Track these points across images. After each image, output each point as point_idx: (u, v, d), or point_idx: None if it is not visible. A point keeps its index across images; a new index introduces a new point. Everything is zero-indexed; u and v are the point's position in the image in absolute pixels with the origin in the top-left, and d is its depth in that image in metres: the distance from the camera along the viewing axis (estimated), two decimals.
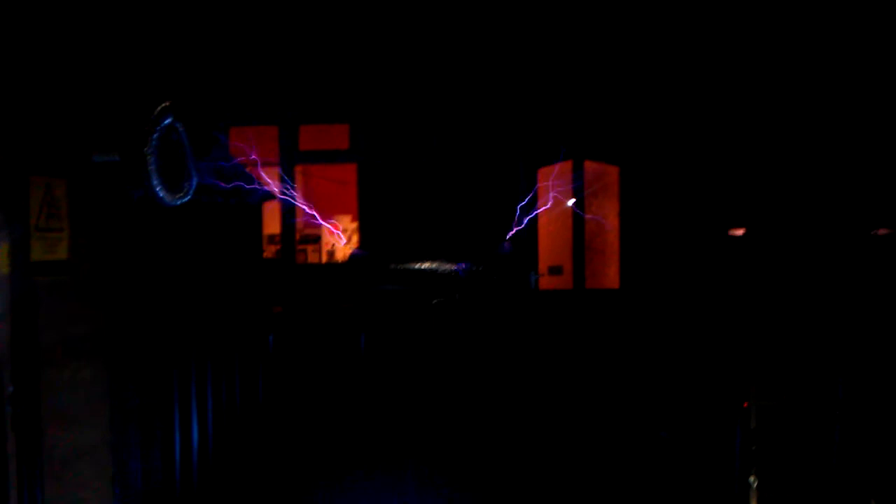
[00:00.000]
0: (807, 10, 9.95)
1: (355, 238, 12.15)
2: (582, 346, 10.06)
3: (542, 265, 11.29)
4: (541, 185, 11.26)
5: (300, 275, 10.78)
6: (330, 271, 11.55)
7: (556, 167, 11.28)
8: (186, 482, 6.83)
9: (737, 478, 7.86)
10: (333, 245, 12.17)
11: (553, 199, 11.38)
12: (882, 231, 9.40)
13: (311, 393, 8.60)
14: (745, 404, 8.10)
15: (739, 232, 9.97)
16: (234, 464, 7.51)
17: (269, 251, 12.21)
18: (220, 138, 9.80)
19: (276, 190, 10.53)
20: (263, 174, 12.00)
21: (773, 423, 8.04)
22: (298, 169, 12.28)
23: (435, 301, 8.56)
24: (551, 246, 11.49)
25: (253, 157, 11.17)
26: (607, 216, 11.57)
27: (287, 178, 11.62)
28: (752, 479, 7.71)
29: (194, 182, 6.50)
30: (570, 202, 11.23)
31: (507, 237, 9.89)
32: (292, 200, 10.63)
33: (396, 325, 8.79)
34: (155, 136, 6.02)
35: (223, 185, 7.43)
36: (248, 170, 9.46)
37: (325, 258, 12.50)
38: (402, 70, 11.03)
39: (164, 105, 6.12)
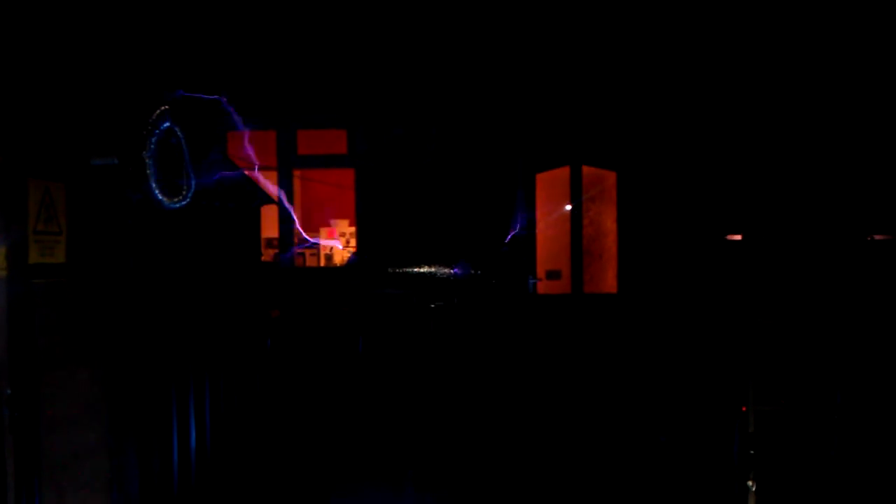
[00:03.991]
0: (798, 20, 9.97)
1: (353, 242, 12.15)
2: (581, 350, 10.04)
3: (541, 270, 11.29)
4: (539, 190, 11.27)
5: (298, 278, 10.76)
6: (328, 275, 11.54)
7: (555, 172, 11.29)
8: (184, 485, 6.81)
9: (735, 481, 7.85)
10: (332, 249, 12.17)
11: (551, 204, 11.38)
12: (879, 236, 9.42)
13: (309, 396, 8.59)
14: (744, 409, 8.09)
15: (737, 237, 9.98)
16: (231, 466, 7.49)
17: (268, 255, 12.21)
18: (218, 142, 9.82)
19: (274, 194, 10.54)
20: (261, 178, 12.02)
21: (772, 427, 8.03)
22: (297, 173, 12.29)
23: (433, 305, 8.57)
24: (549, 250, 11.48)
25: (251, 161, 11.17)
26: (605, 221, 11.58)
27: (285, 183, 11.63)
28: (750, 482, 7.70)
29: (193, 185, 6.50)
30: (568, 207, 11.24)
31: (506, 242, 9.90)
32: (289, 205, 10.64)
33: (395, 329, 8.79)
34: (153, 139, 6.03)
35: (221, 188, 7.43)
36: (246, 174, 9.47)
37: (323, 262, 12.50)
38: (400, 77, 11.05)
39: (162, 109, 6.13)
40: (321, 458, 8.48)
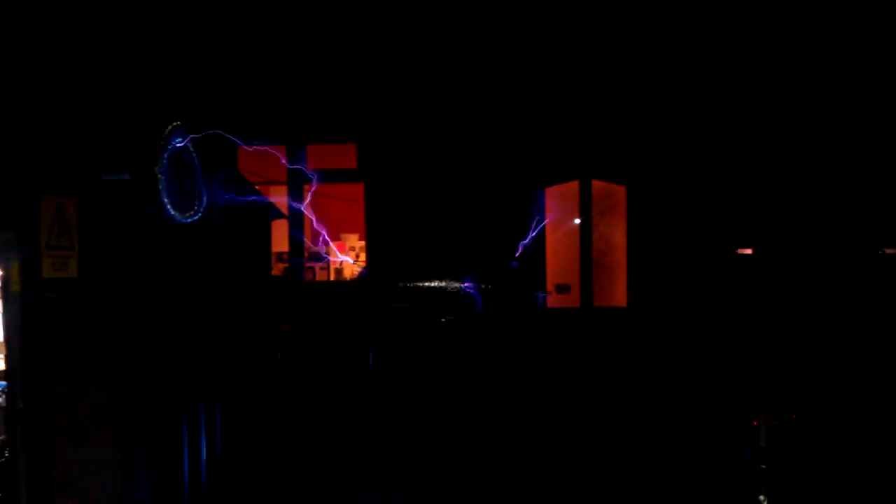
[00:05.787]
0: (808, 31, 9.98)
1: (363, 256, 12.18)
2: (591, 364, 10.04)
3: (550, 283, 11.28)
4: (548, 204, 11.28)
5: (308, 293, 10.79)
6: (338, 289, 11.57)
7: (564, 186, 11.30)
8: (195, 497, 6.82)
9: (746, 496, 7.81)
10: (342, 263, 12.20)
11: (560, 218, 11.39)
12: (890, 250, 9.40)
13: (319, 409, 8.60)
14: (755, 423, 8.06)
15: (748, 251, 9.96)
16: (242, 478, 7.51)
17: (278, 269, 12.24)
18: (230, 157, 9.87)
19: (284, 208, 10.59)
20: (272, 193, 12.08)
21: (783, 441, 8.00)
22: (306, 188, 12.34)
23: (444, 319, 8.58)
24: (559, 264, 11.48)
25: (262, 175, 11.22)
26: (615, 235, 11.57)
27: (295, 197, 11.67)
28: (761, 497, 7.66)
29: (204, 200, 6.54)
30: (578, 221, 11.24)
31: (516, 256, 9.91)
32: (299, 219, 10.67)
33: (405, 343, 8.80)
34: (165, 155, 6.07)
35: (233, 203, 7.47)
36: (256, 188, 9.52)
37: (333, 276, 12.53)
38: (409, 91, 11.09)
39: (174, 125, 6.17)
40: (330, 469, 8.49)
